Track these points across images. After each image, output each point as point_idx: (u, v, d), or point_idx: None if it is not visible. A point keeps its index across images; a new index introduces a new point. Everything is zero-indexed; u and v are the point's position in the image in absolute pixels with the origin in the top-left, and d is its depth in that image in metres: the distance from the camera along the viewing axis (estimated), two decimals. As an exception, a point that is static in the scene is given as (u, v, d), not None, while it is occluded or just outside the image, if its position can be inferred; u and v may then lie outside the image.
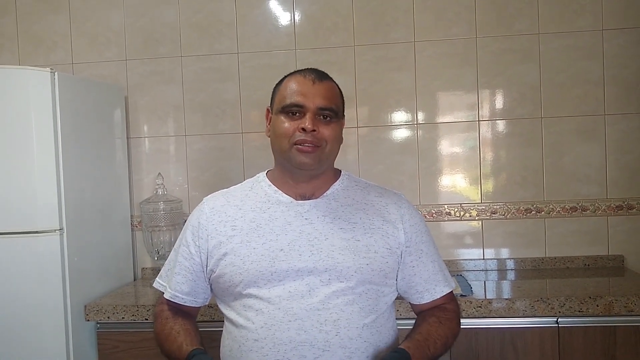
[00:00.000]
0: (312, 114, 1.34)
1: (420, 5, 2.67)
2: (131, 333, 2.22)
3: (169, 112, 2.82)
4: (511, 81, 2.64)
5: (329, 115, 1.36)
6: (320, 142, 1.35)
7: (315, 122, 1.34)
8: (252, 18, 2.76)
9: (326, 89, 1.37)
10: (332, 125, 1.37)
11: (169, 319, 1.45)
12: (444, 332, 1.41)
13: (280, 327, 1.29)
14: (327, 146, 1.36)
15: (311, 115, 1.34)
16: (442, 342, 1.39)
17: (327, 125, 1.36)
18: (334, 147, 1.39)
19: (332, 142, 1.37)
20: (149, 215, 2.67)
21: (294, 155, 1.35)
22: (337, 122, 1.39)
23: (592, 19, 2.59)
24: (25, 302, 2.14)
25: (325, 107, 1.35)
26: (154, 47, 2.81)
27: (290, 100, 1.36)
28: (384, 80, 2.70)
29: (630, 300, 2.02)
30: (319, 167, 1.38)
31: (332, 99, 1.37)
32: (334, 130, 1.37)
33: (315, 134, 1.33)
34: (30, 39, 2.87)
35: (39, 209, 2.15)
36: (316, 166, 1.37)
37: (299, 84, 1.37)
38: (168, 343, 1.40)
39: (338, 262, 1.32)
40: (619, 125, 2.59)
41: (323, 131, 1.35)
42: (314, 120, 1.34)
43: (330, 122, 1.37)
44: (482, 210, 2.66)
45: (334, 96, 1.39)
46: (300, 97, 1.35)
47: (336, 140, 1.39)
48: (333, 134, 1.37)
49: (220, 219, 1.42)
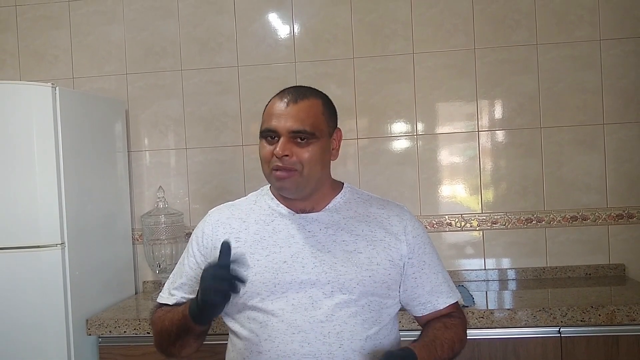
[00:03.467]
0: (286, 138, 1.32)
1: (418, 18, 2.69)
2: (133, 347, 2.21)
3: (170, 125, 2.83)
4: (510, 91, 2.65)
5: (305, 137, 1.33)
6: (294, 166, 1.32)
7: (289, 146, 1.31)
8: (252, 31, 2.78)
9: (300, 110, 1.33)
10: (310, 147, 1.33)
11: (164, 314, 1.44)
12: (450, 336, 1.41)
13: (284, 340, 1.30)
14: (304, 169, 1.33)
15: (284, 140, 1.32)
16: (449, 345, 1.39)
17: (302, 148, 1.32)
18: (313, 169, 1.34)
19: (309, 164, 1.33)
20: (150, 228, 2.66)
21: (273, 181, 1.37)
22: (315, 143, 1.34)
23: (590, 29, 2.61)
24: (27, 316, 2.14)
25: (296, 130, 1.32)
26: (154, 60, 2.82)
27: (265, 125, 1.35)
28: (383, 91, 2.71)
29: (632, 309, 2.02)
30: (298, 191, 1.36)
31: (305, 120, 1.33)
32: (312, 152, 1.33)
33: (288, 158, 1.31)
34: (31, 54, 2.89)
35: (40, 223, 2.15)
36: (294, 190, 1.36)
37: (274, 107, 1.35)
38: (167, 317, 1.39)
39: (340, 274, 1.33)
40: (617, 135, 2.60)
41: (298, 154, 1.32)
42: (287, 144, 1.31)
43: (307, 143, 1.33)
44: (483, 220, 2.66)
45: (309, 116, 1.34)
46: (274, 121, 1.33)
47: (315, 162, 1.34)
48: (309, 156, 1.33)
49: (224, 231, 1.43)
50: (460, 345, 1.44)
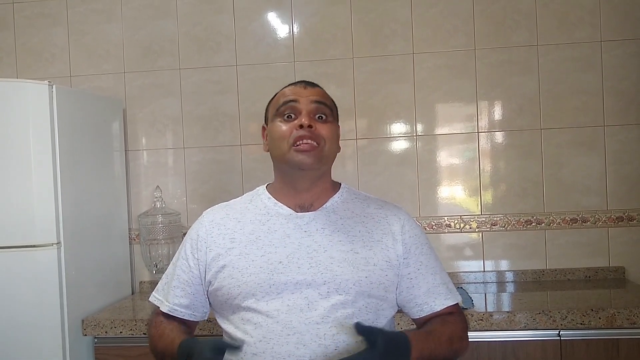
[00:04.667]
0: (308, 112, 1.36)
1: (418, 18, 2.68)
2: (129, 348, 2.19)
3: (168, 124, 2.81)
4: (510, 93, 2.64)
5: (325, 113, 1.38)
6: (318, 140, 1.35)
7: (312, 120, 1.36)
8: (251, 31, 2.76)
9: (318, 91, 1.41)
10: (329, 125, 1.38)
11: (163, 322, 1.44)
12: (449, 331, 1.37)
13: (279, 341, 1.28)
14: (325, 145, 1.36)
15: (307, 113, 1.36)
16: (447, 340, 1.35)
17: (324, 124, 1.38)
18: (332, 147, 1.39)
19: (330, 141, 1.37)
20: (147, 228, 2.65)
21: (293, 156, 1.35)
22: (333, 122, 1.40)
23: (591, 31, 2.60)
24: (22, 316, 2.12)
25: (319, 100, 1.38)
26: (152, 59, 2.81)
27: (284, 99, 1.39)
28: (382, 92, 2.70)
29: (632, 312, 2.01)
30: (319, 166, 1.37)
31: (325, 97, 1.41)
32: (331, 130, 1.38)
33: (313, 130, 1.34)
34: (28, 52, 2.87)
35: (36, 222, 2.14)
36: (316, 165, 1.36)
37: (291, 90, 1.41)
38: (161, 341, 1.38)
39: (336, 275, 1.31)
40: (618, 136, 2.59)
41: (320, 129, 1.36)
42: (311, 117, 1.36)
43: (326, 121, 1.38)
44: (482, 222, 2.65)
45: (327, 97, 1.42)
46: (294, 96, 1.39)
47: (334, 140, 1.40)
48: (331, 133, 1.38)
49: (219, 232, 1.41)
50: (459, 344, 1.40)
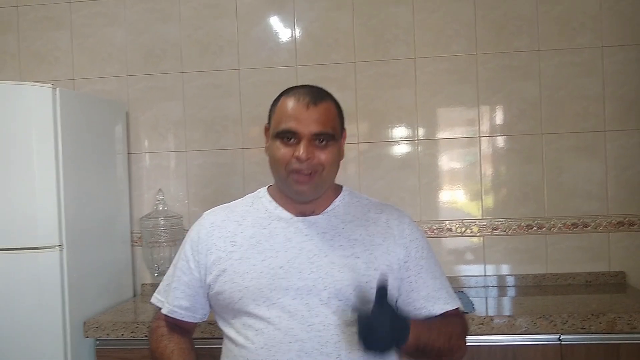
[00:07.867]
0: (307, 140, 1.31)
1: (420, 23, 2.69)
2: (130, 350, 2.19)
3: (170, 127, 2.82)
4: (511, 97, 2.65)
5: (325, 139, 1.33)
6: (316, 168, 1.33)
7: (311, 148, 1.31)
8: (253, 35, 2.77)
9: (321, 112, 1.33)
10: (329, 149, 1.34)
11: (164, 336, 1.44)
12: (449, 329, 1.36)
13: (281, 349, 1.27)
14: (324, 171, 1.34)
15: (306, 142, 1.31)
16: (446, 334, 1.33)
17: (323, 150, 1.33)
18: (331, 170, 1.36)
19: (329, 166, 1.35)
20: (149, 231, 2.66)
21: (291, 184, 1.34)
22: (334, 144, 1.35)
23: (592, 36, 2.60)
24: (24, 318, 2.12)
25: (320, 132, 1.32)
26: (155, 63, 2.82)
27: (284, 126, 1.32)
28: (384, 96, 2.70)
29: (633, 317, 2.01)
30: (316, 193, 1.37)
31: (327, 122, 1.33)
32: (331, 154, 1.34)
33: (310, 161, 1.31)
34: (32, 55, 2.88)
35: (38, 224, 2.14)
36: (313, 193, 1.36)
37: (293, 109, 1.33)
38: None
39: (337, 280, 1.30)
40: (619, 142, 2.60)
41: (319, 156, 1.32)
42: (309, 147, 1.31)
43: (327, 145, 1.34)
44: (484, 226, 2.65)
45: (330, 119, 1.35)
46: (294, 122, 1.31)
47: (333, 163, 1.36)
48: (330, 158, 1.34)
49: (220, 234, 1.41)
50: (457, 342, 1.38)
